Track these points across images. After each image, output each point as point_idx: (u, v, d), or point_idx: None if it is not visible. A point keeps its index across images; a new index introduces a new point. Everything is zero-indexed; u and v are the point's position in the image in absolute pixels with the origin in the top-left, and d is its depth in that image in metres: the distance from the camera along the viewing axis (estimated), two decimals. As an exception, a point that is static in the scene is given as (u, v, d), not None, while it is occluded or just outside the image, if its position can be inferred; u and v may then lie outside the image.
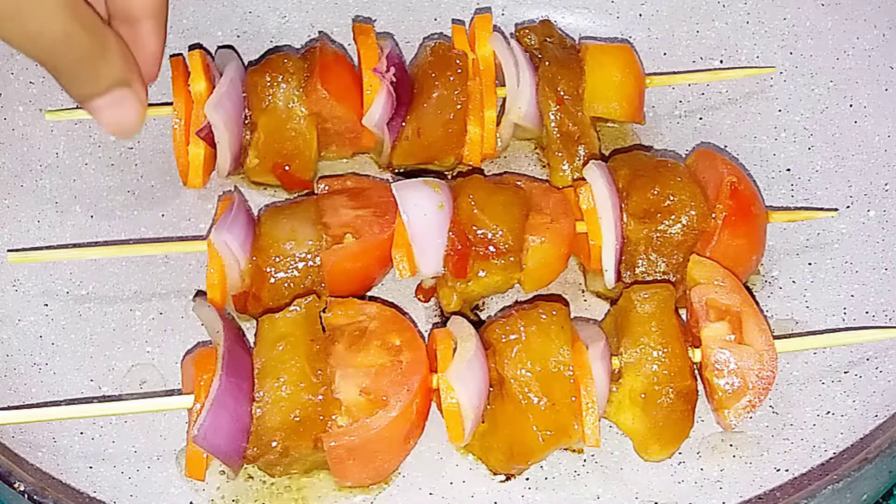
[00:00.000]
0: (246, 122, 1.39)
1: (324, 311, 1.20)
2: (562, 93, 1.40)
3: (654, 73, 1.49)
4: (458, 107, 1.39)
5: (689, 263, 1.26)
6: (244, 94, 1.38)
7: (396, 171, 1.45)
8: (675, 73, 1.52)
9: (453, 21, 1.56)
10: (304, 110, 1.38)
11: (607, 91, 1.41)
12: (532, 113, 1.41)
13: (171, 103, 1.38)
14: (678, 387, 1.18)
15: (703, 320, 1.21)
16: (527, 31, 1.46)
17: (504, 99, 1.43)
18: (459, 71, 1.40)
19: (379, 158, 1.45)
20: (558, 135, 1.40)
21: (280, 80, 1.37)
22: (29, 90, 1.46)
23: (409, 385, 1.15)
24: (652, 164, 1.32)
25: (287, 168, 1.39)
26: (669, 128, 1.51)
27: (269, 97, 1.37)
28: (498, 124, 1.43)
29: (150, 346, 1.31)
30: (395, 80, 1.37)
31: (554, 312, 1.19)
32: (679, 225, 1.28)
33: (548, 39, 1.45)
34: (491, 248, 1.27)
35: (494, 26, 1.45)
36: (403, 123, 1.39)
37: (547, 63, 1.41)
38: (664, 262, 1.30)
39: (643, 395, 1.18)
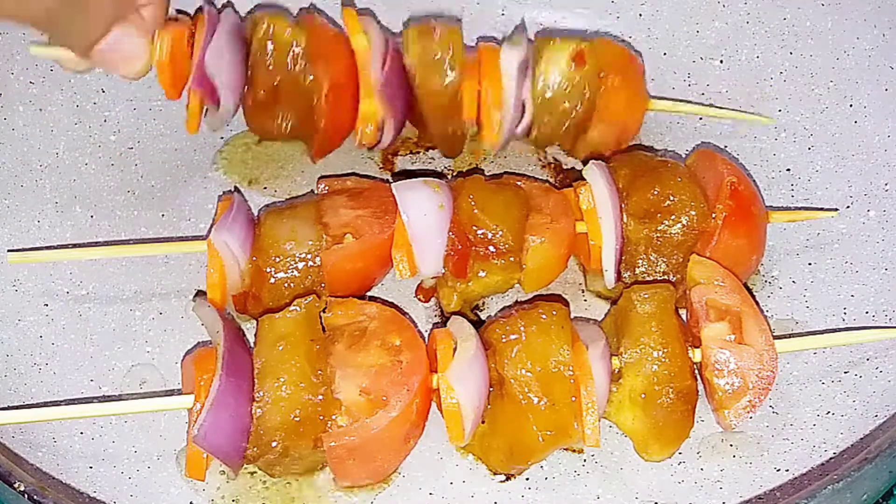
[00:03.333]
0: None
1: (324, 311, 1.20)
2: None
3: (655, 97, 1.47)
4: None
5: (689, 263, 1.26)
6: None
7: (396, 171, 1.46)
8: (673, 99, 1.50)
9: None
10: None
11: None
12: None
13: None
14: (678, 387, 1.18)
15: (703, 320, 1.21)
16: None
17: None
18: None
19: None
20: None
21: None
22: (29, 90, 1.46)
23: (409, 385, 1.15)
24: (652, 164, 1.32)
25: None
26: (669, 128, 1.51)
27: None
28: None
29: (150, 346, 1.31)
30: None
31: (554, 312, 1.19)
32: (679, 225, 1.28)
33: None
34: (491, 248, 1.27)
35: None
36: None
37: None
38: (664, 262, 1.30)
39: (643, 395, 1.18)
